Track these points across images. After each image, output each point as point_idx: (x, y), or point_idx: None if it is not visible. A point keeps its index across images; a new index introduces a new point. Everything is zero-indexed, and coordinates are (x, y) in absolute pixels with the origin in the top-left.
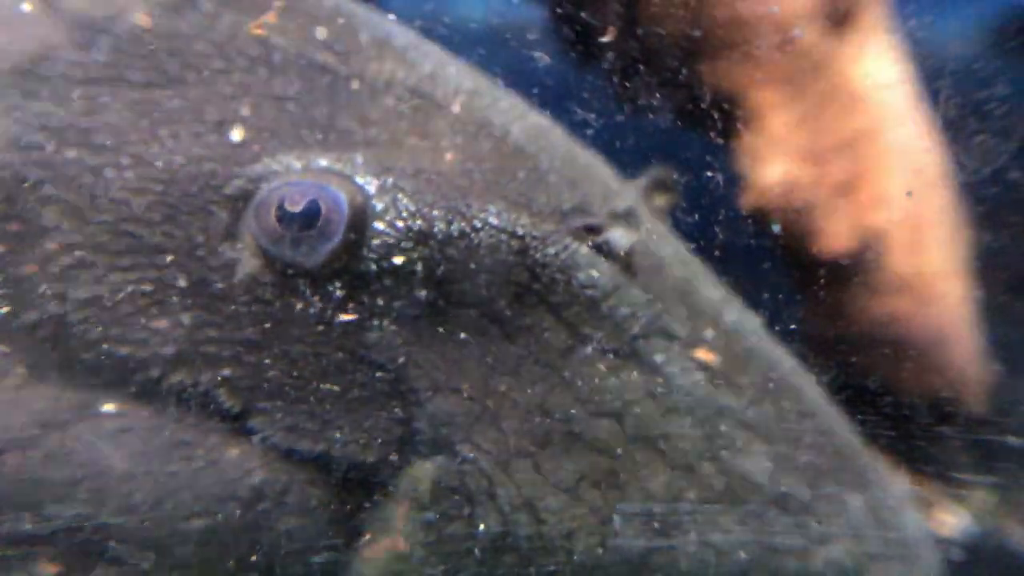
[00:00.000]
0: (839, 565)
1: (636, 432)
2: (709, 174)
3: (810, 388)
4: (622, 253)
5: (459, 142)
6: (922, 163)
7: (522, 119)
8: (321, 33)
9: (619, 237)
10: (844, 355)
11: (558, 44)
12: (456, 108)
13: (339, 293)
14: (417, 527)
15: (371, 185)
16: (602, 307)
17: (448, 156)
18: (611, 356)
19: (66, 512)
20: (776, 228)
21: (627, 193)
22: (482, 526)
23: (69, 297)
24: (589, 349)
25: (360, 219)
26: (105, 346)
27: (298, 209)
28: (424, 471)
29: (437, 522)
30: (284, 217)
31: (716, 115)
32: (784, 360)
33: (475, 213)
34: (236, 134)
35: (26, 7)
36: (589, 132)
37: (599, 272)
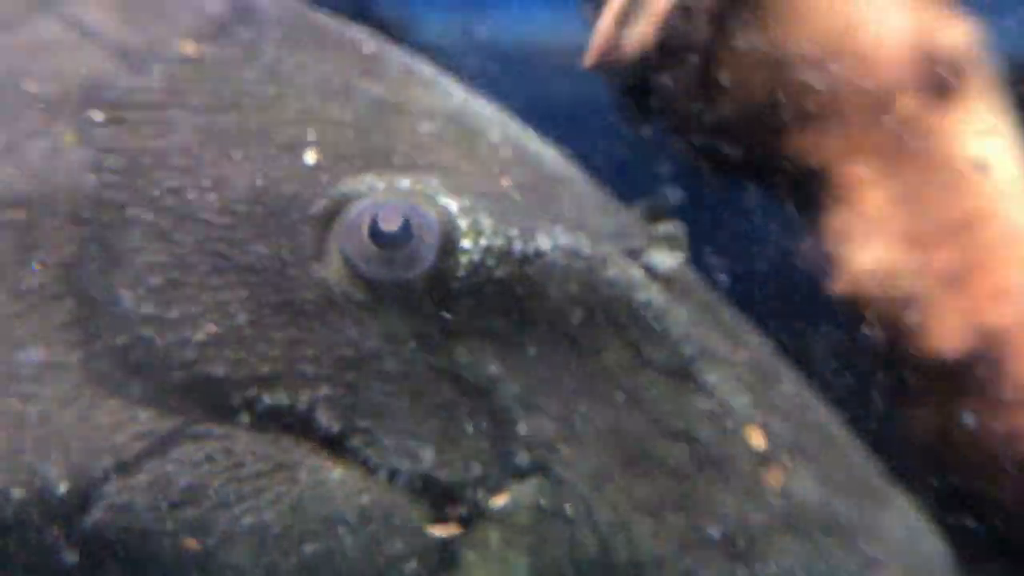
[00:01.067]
0: None
1: (703, 455)
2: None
3: (823, 407)
4: (665, 275)
5: (506, 168)
6: None
7: (545, 147)
8: (358, 63)
9: (662, 260)
10: (953, 477)
11: (626, 112)
12: (494, 136)
13: (429, 311)
14: (519, 550)
15: (453, 205)
16: (658, 328)
17: (503, 180)
18: (670, 377)
19: (173, 538)
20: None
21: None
22: (584, 549)
23: (160, 318)
24: (651, 370)
25: (448, 238)
26: (200, 367)
27: (393, 228)
28: (524, 492)
29: (539, 545)
30: (378, 236)
31: (801, 190)
32: (799, 378)
33: (545, 233)
34: (309, 157)
35: (57, 34)
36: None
37: (653, 293)
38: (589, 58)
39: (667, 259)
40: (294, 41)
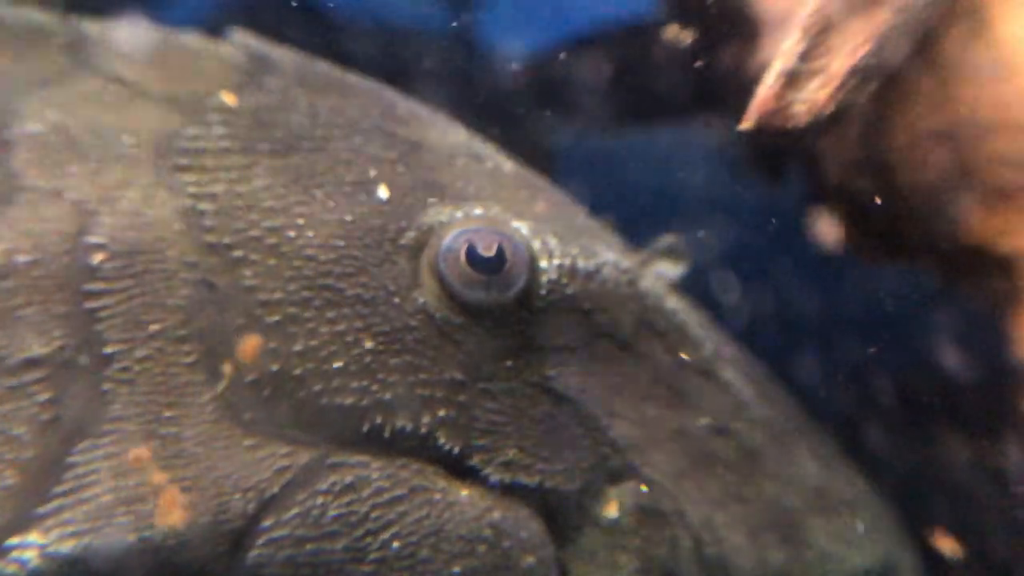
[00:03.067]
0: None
1: (741, 447)
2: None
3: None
4: (671, 284)
5: (532, 195)
6: None
7: (538, 177)
8: (374, 106)
9: (668, 270)
10: None
11: (772, 179)
12: (506, 168)
13: (519, 330)
14: (628, 554)
15: (524, 229)
16: (685, 332)
17: (537, 207)
18: (701, 376)
19: (332, 569)
20: None
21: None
22: (682, 546)
23: (285, 352)
24: (688, 371)
25: (533, 259)
26: (328, 397)
27: (491, 253)
28: (624, 495)
29: (645, 546)
30: (476, 261)
31: (986, 281)
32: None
33: (596, 250)
34: (382, 192)
35: (105, 89)
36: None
37: (676, 301)
38: (748, 119)
39: (673, 269)
40: (314, 87)
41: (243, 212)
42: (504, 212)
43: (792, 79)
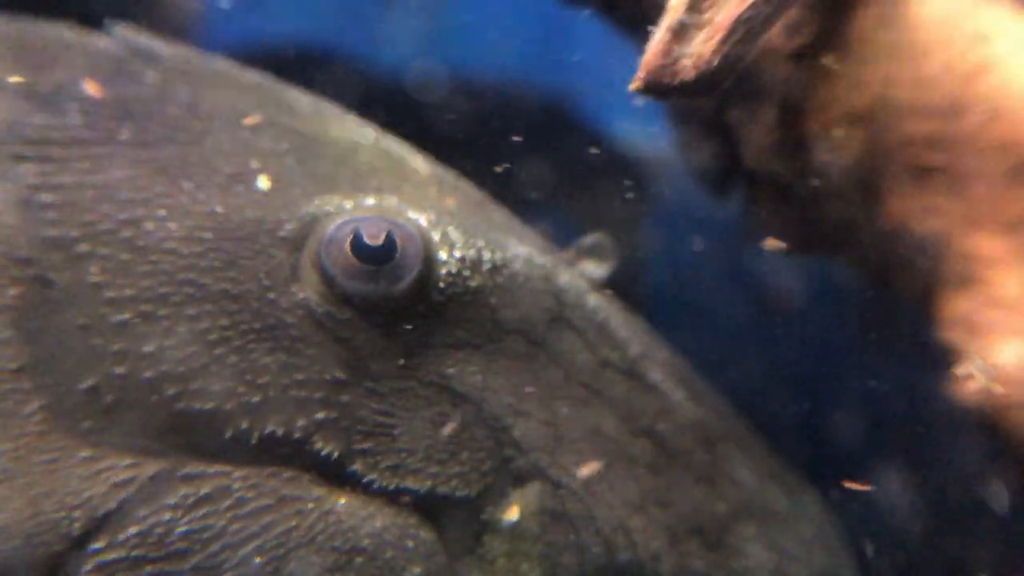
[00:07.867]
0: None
1: (665, 450)
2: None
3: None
4: (596, 283)
5: (442, 191)
6: None
7: (455, 175)
8: (269, 101)
9: (593, 269)
10: None
11: (688, 167)
12: (417, 164)
13: (414, 324)
14: (531, 561)
15: (422, 219)
16: (608, 331)
17: (448, 201)
18: (624, 376)
19: None
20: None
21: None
22: (591, 552)
23: (133, 354)
24: (610, 370)
25: (428, 250)
26: (183, 402)
27: (378, 243)
28: (528, 499)
29: (550, 553)
30: (362, 251)
31: (906, 262)
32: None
33: (507, 244)
34: (262, 183)
35: None
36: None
37: (598, 298)
38: (637, 79)
39: (597, 268)
40: (202, 81)
41: (94, 204)
42: (402, 203)
43: (679, 33)
